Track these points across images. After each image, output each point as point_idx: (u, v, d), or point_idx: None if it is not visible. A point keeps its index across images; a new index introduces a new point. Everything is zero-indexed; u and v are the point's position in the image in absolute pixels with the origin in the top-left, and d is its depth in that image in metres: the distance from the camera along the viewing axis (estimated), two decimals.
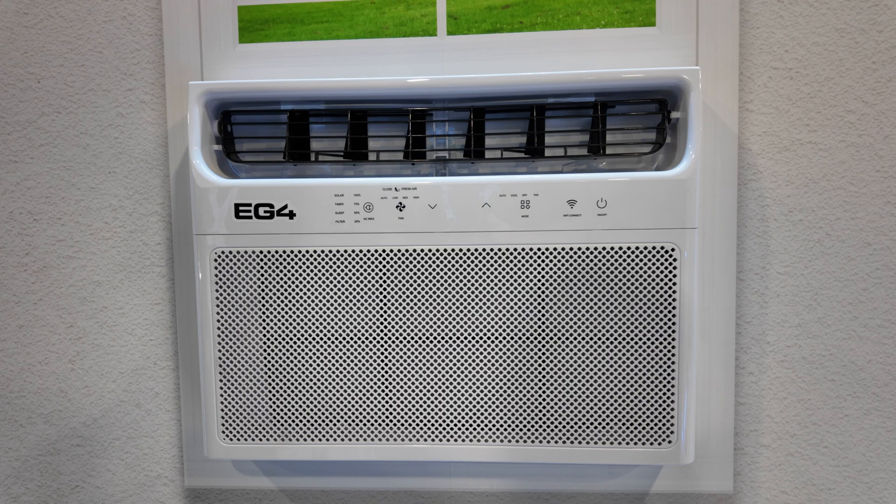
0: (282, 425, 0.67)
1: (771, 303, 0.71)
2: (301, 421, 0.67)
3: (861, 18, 0.68)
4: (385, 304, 0.65)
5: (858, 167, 0.69)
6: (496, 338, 0.65)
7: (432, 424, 0.66)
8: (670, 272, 0.62)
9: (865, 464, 0.71)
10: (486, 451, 0.66)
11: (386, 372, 0.66)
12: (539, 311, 0.64)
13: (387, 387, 0.66)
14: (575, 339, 0.64)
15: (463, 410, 0.66)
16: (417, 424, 0.66)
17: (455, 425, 0.66)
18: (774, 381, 0.71)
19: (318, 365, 0.66)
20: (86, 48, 0.74)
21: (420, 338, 0.65)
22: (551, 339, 0.64)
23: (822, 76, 0.69)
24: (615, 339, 0.63)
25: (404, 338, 0.65)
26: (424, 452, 0.66)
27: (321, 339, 0.66)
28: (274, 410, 0.67)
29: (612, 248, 0.62)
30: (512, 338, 0.65)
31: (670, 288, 0.62)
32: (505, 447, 0.65)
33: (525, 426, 0.65)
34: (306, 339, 0.66)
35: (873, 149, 0.69)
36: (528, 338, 0.64)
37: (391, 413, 0.66)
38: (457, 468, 0.74)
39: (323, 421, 0.67)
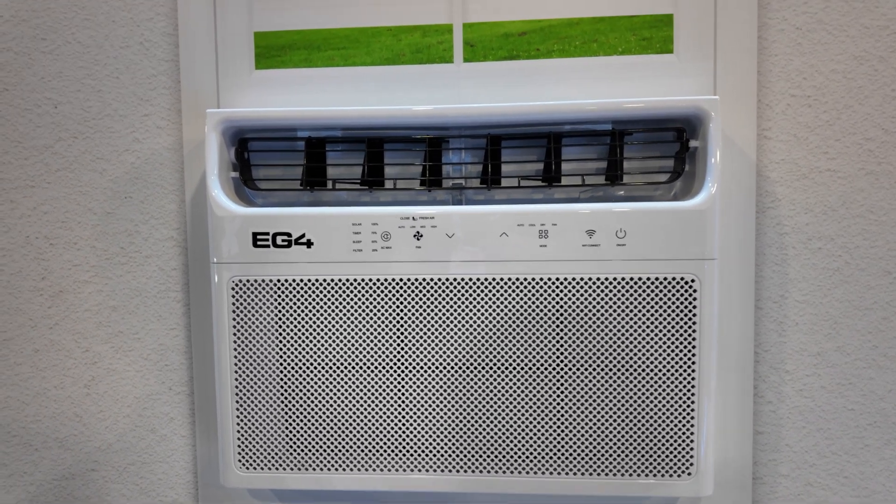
0: (298, 454, 0.67)
1: (789, 331, 0.70)
2: (318, 450, 0.67)
3: (880, 46, 0.68)
4: (402, 334, 0.65)
5: (878, 195, 0.69)
6: (513, 368, 0.64)
7: (449, 455, 0.66)
8: (690, 303, 0.62)
9: (886, 494, 0.71)
10: (505, 482, 0.65)
11: (403, 401, 0.66)
12: (557, 342, 0.64)
13: (403, 416, 0.66)
14: (593, 370, 0.64)
15: (479, 441, 0.65)
16: (434, 455, 0.66)
17: (471, 456, 0.66)
18: (793, 410, 0.71)
19: (336, 394, 0.66)
20: (103, 74, 0.74)
21: (436, 367, 0.65)
22: (569, 369, 0.64)
23: (841, 104, 0.69)
24: (634, 370, 0.63)
25: (421, 367, 0.65)
26: (439, 483, 0.66)
27: (338, 367, 0.66)
28: (291, 439, 0.67)
29: (630, 279, 0.62)
30: (529, 368, 0.64)
31: (690, 319, 0.62)
32: (522, 479, 0.65)
33: (542, 457, 0.65)
34: (323, 367, 0.66)
35: (893, 177, 0.68)
36: (545, 368, 0.64)
37: (407, 442, 0.66)
38: (473, 499, 0.74)
39: (340, 450, 0.66)
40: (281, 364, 0.66)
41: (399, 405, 0.66)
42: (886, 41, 0.68)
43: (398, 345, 0.65)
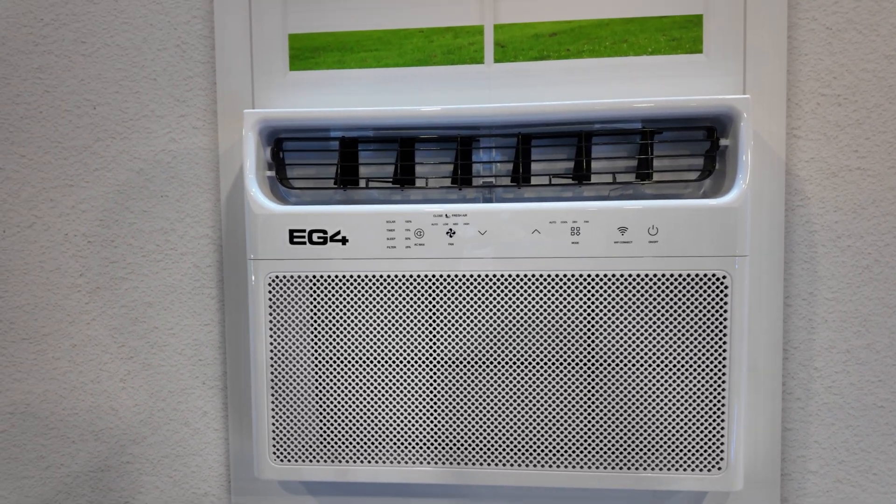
0: (331, 447, 0.68)
1: (818, 329, 0.71)
2: (350, 443, 0.68)
3: None
4: (435, 329, 0.66)
5: None
6: (545, 364, 0.65)
7: (483, 448, 0.67)
8: (721, 300, 0.62)
9: None
10: (537, 475, 0.66)
11: (436, 396, 0.67)
12: (589, 338, 0.64)
13: (436, 411, 0.67)
14: (625, 365, 0.64)
15: (511, 435, 0.66)
16: (469, 448, 0.67)
17: (503, 449, 0.66)
18: (822, 406, 0.71)
19: (369, 388, 0.67)
20: (140, 76, 0.76)
21: (469, 362, 0.66)
22: (601, 365, 0.65)
23: (871, 102, 0.69)
24: (666, 366, 0.64)
25: (454, 362, 0.66)
26: (475, 476, 0.66)
27: (372, 362, 0.67)
28: (324, 432, 0.68)
29: (662, 276, 0.63)
30: (561, 364, 0.65)
31: (721, 316, 0.62)
32: (553, 472, 0.66)
33: (573, 451, 0.66)
34: (357, 362, 0.67)
35: None
36: (577, 364, 0.65)
37: (441, 436, 0.67)
38: (504, 492, 0.74)
39: (372, 444, 0.68)
40: (315, 358, 0.67)
41: (430, 400, 0.67)
42: None
43: (430, 340, 0.66)
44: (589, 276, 0.64)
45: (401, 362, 0.67)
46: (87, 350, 0.79)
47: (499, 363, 0.66)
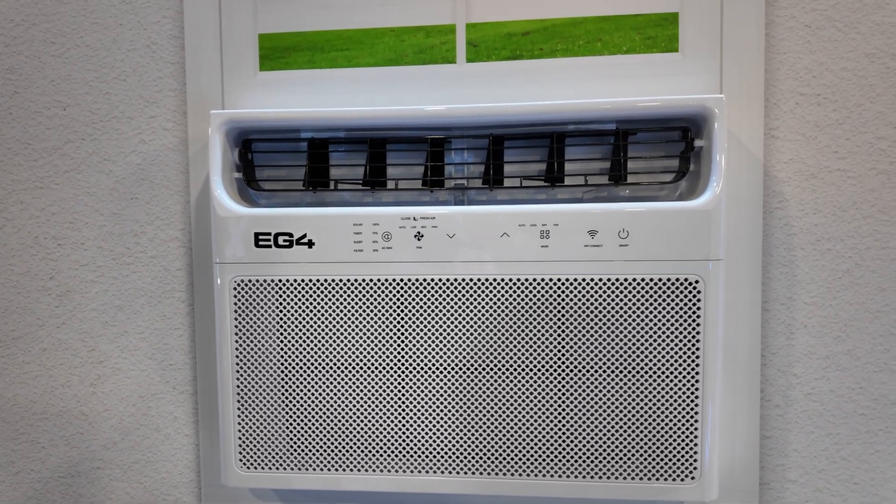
0: (299, 453, 0.67)
1: (798, 334, 0.69)
2: (318, 450, 0.67)
3: (892, 43, 0.67)
4: (403, 334, 0.65)
5: (889, 195, 0.67)
6: (514, 369, 0.64)
7: (449, 455, 0.65)
8: (694, 305, 0.61)
9: None
10: (504, 484, 0.65)
11: (404, 402, 0.65)
12: (558, 343, 0.63)
13: (404, 417, 0.66)
14: (595, 371, 0.63)
15: (480, 442, 0.65)
16: (434, 455, 0.65)
17: (471, 457, 0.65)
18: (801, 414, 0.70)
19: (336, 394, 0.66)
20: (110, 76, 0.75)
21: (437, 368, 0.65)
22: (571, 371, 0.63)
23: (852, 102, 0.67)
24: (637, 372, 0.62)
25: (421, 368, 0.65)
26: (441, 485, 0.65)
27: (339, 367, 0.66)
28: (291, 439, 0.67)
29: (633, 280, 0.61)
30: (530, 369, 0.64)
31: (694, 321, 0.61)
32: (523, 481, 0.64)
33: (544, 460, 0.64)
34: (324, 367, 0.66)
35: None
36: (547, 370, 0.63)
37: (408, 443, 0.66)
38: (473, 501, 0.73)
39: (340, 450, 0.66)
40: (282, 364, 0.66)
41: (399, 405, 0.65)
42: None
43: (398, 345, 0.65)
44: (559, 279, 0.62)
45: (367, 367, 0.65)
46: (57, 354, 0.78)
47: (467, 368, 0.64)
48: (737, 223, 0.68)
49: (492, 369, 0.64)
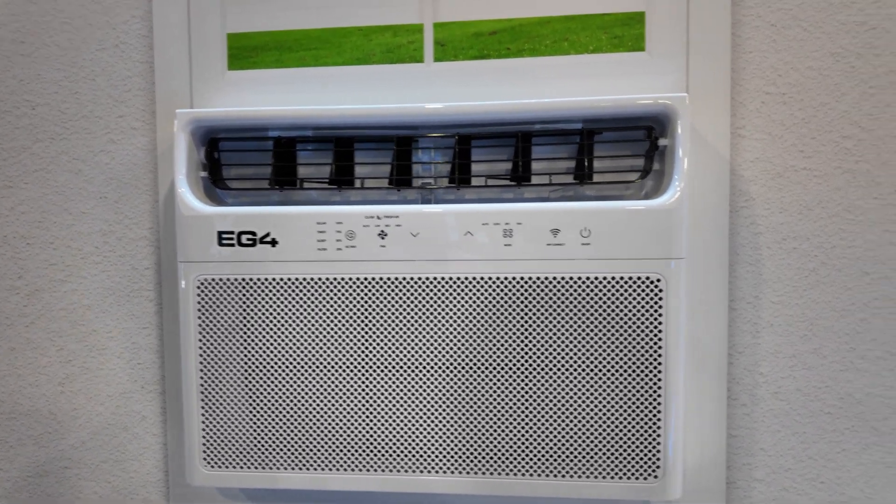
0: (264, 453, 0.67)
1: (764, 333, 0.69)
2: (283, 449, 0.66)
3: (857, 42, 0.67)
4: (367, 333, 0.65)
5: (855, 194, 0.67)
6: (479, 368, 0.64)
7: (412, 454, 0.65)
8: (656, 303, 0.61)
9: (864, 500, 0.69)
10: (467, 483, 0.64)
11: (368, 400, 0.65)
12: (521, 342, 0.63)
13: (369, 415, 0.65)
14: (557, 369, 0.63)
15: (444, 441, 0.65)
16: (398, 454, 0.65)
17: (435, 456, 0.65)
18: (768, 413, 0.69)
19: (300, 392, 0.66)
20: (79, 76, 0.75)
21: (402, 367, 0.65)
22: (533, 369, 0.63)
23: (817, 101, 0.67)
24: (599, 370, 0.62)
25: (386, 366, 0.65)
26: (403, 483, 0.65)
27: (303, 367, 0.66)
28: (256, 438, 0.67)
29: (595, 279, 0.61)
30: (494, 368, 0.64)
31: (656, 319, 0.61)
32: (486, 480, 0.64)
33: (507, 458, 0.64)
34: (288, 366, 0.66)
35: (870, 175, 0.67)
36: (510, 368, 0.63)
37: (373, 442, 0.66)
38: (434, 500, 0.73)
39: (305, 450, 0.66)
40: (247, 363, 0.66)
41: (364, 404, 0.65)
42: (863, 37, 0.67)
43: (363, 344, 0.65)
44: (521, 278, 0.62)
45: (332, 366, 0.65)
46: (25, 353, 0.77)
47: (430, 367, 0.64)
48: (703, 222, 0.68)
49: (456, 368, 0.64)
